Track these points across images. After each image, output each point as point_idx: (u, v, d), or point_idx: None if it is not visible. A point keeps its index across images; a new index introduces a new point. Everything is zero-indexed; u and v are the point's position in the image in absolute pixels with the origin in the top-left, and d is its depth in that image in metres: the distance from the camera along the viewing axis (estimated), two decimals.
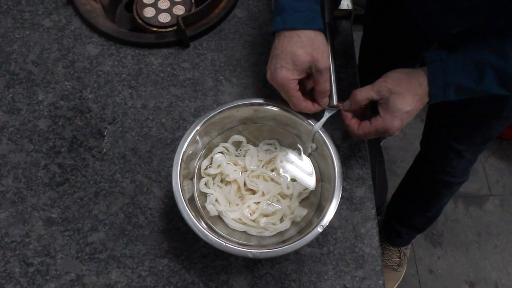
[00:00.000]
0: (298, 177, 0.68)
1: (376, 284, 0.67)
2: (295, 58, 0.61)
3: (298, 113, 0.67)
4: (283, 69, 0.62)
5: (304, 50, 0.61)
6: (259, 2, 0.88)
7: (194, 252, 0.68)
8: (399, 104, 0.61)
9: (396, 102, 0.61)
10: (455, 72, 0.60)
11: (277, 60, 0.63)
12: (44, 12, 0.86)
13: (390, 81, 0.62)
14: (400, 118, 0.62)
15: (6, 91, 0.78)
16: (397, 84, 0.61)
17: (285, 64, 0.62)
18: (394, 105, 0.61)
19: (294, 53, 0.61)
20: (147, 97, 0.79)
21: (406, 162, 1.58)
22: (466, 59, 0.60)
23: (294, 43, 0.62)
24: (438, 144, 0.99)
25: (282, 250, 0.58)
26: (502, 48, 0.59)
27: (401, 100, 0.61)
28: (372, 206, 0.71)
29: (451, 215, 1.52)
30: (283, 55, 0.62)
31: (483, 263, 1.46)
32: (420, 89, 0.62)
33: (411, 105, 0.61)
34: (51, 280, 0.66)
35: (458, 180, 1.06)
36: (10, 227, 0.69)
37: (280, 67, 0.62)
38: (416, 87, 0.62)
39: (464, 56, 0.61)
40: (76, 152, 0.74)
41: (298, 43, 0.62)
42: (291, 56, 0.62)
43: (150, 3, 0.87)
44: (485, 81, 0.60)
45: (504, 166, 1.61)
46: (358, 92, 0.63)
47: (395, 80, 0.62)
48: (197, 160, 0.68)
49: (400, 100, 0.61)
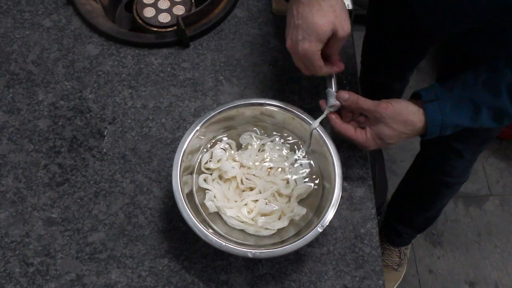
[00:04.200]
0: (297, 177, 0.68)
1: (376, 284, 0.67)
2: (318, 29, 0.60)
3: (298, 113, 0.67)
4: (306, 41, 0.60)
5: (326, 19, 0.60)
6: (259, 2, 0.88)
7: (194, 252, 0.68)
8: (383, 134, 0.63)
9: (382, 131, 0.63)
10: (452, 112, 0.61)
11: (298, 30, 0.61)
12: (44, 12, 0.86)
13: (390, 111, 0.62)
14: (378, 144, 0.65)
15: (6, 91, 0.78)
16: (392, 118, 0.62)
17: (307, 35, 0.60)
18: (380, 132, 0.63)
19: (316, 24, 0.59)
20: (147, 97, 0.79)
21: (406, 162, 1.58)
22: (462, 98, 0.61)
23: (316, 11, 0.59)
24: (438, 144, 0.99)
25: (282, 250, 0.58)
26: (495, 85, 0.60)
27: (386, 132, 0.63)
28: (372, 206, 0.71)
29: (451, 215, 1.52)
30: (305, 25, 0.60)
31: (483, 263, 1.46)
32: (411, 130, 0.63)
33: (393, 140, 0.64)
34: (51, 280, 0.66)
35: (458, 180, 1.06)
36: (10, 227, 0.69)
37: (302, 38, 0.60)
38: (408, 128, 0.63)
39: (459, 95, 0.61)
40: (76, 152, 0.74)
41: (320, 12, 0.59)
42: (314, 26, 0.60)
43: (150, 3, 0.87)
44: (481, 118, 0.61)
45: (504, 166, 1.61)
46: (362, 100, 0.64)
47: (393, 113, 0.62)
48: (199, 153, 0.69)
49: (386, 131, 0.63)
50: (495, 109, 0.61)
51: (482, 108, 0.60)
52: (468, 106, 0.61)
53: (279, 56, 0.83)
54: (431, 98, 0.62)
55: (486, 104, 0.60)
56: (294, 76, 0.81)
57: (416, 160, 1.14)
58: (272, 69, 0.82)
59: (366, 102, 0.64)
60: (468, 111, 0.61)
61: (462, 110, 0.61)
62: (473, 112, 0.61)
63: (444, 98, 0.62)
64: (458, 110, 0.61)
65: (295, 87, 0.80)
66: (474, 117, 0.61)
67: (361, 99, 0.64)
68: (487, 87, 0.60)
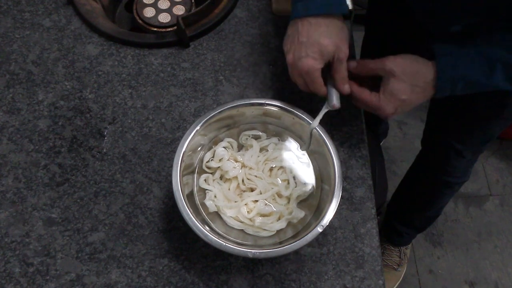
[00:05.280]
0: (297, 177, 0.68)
1: (376, 284, 0.67)
2: (322, 48, 0.61)
3: (298, 113, 0.67)
4: (309, 59, 0.62)
5: (331, 40, 0.61)
6: (259, 2, 0.88)
7: (194, 252, 0.68)
8: (396, 89, 0.62)
9: (394, 87, 0.62)
10: (465, 67, 0.60)
11: (302, 47, 0.62)
12: (44, 12, 0.86)
13: (398, 64, 0.62)
14: (394, 104, 0.63)
15: (6, 91, 0.78)
16: (402, 69, 0.61)
17: (311, 53, 0.62)
18: (392, 88, 0.62)
19: (321, 43, 0.61)
20: (147, 97, 0.79)
21: (406, 162, 1.58)
22: (476, 53, 0.60)
23: (321, 32, 0.62)
24: (438, 144, 0.99)
25: (282, 250, 0.58)
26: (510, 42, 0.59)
27: (398, 86, 0.62)
28: (372, 206, 0.71)
29: (451, 215, 1.52)
30: (309, 44, 0.62)
31: (483, 263, 1.46)
32: (423, 81, 0.62)
33: (407, 95, 0.62)
34: (51, 280, 0.66)
35: (459, 180, 1.06)
36: (10, 227, 0.69)
37: (306, 55, 0.62)
38: (419, 79, 0.62)
39: (475, 51, 0.60)
40: (76, 152, 0.74)
41: (325, 33, 0.62)
42: (318, 45, 0.61)
43: (150, 3, 0.87)
44: (495, 76, 0.60)
45: (504, 166, 1.61)
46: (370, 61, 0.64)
47: (401, 65, 0.62)
48: (200, 153, 0.69)
49: (398, 85, 0.62)
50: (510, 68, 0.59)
51: (497, 64, 0.59)
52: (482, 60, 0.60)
53: (279, 56, 0.83)
54: (445, 52, 0.61)
55: (500, 60, 0.59)
56: None
57: (416, 159, 1.14)
58: (272, 69, 0.82)
59: (375, 61, 0.64)
60: (482, 66, 0.60)
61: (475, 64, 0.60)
62: (487, 67, 0.60)
63: (458, 53, 0.60)
64: (472, 65, 0.60)
65: (295, 87, 0.79)
66: (487, 72, 0.60)
67: (368, 60, 0.64)
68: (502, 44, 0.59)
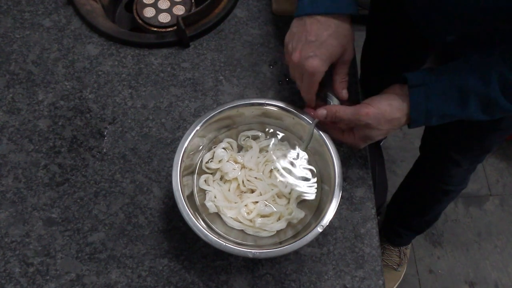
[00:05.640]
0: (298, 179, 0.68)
1: (376, 284, 0.67)
2: (331, 50, 0.60)
3: (298, 113, 0.67)
4: (317, 59, 0.60)
5: (339, 42, 0.60)
6: (259, 2, 0.88)
7: (194, 252, 0.68)
8: (373, 136, 0.63)
9: (371, 133, 0.62)
10: (438, 99, 0.58)
11: (310, 47, 0.60)
12: (44, 12, 0.86)
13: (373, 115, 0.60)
14: (367, 142, 0.65)
15: (6, 91, 0.78)
16: (377, 121, 0.60)
17: (320, 54, 0.60)
18: (368, 134, 0.63)
19: (329, 44, 0.60)
20: (147, 97, 0.79)
21: (406, 162, 1.58)
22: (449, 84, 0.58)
23: (331, 33, 0.60)
24: (436, 153, 0.99)
25: (282, 250, 0.58)
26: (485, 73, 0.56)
27: (375, 133, 0.62)
28: (372, 206, 0.71)
29: (451, 215, 1.52)
30: (318, 43, 0.60)
31: (483, 263, 1.46)
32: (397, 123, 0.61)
33: (382, 136, 0.63)
34: (51, 280, 0.66)
35: (457, 188, 1.06)
36: (10, 227, 0.69)
37: (313, 55, 0.60)
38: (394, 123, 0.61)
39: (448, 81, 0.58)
40: (76, 152, 0.74)
41: (335, 34, 0.60)
42: (326, 46, 0.60)
43: (150, 3, 0.87)
44: (469, 107, 0.58)
45: (504, 166, 1.61)
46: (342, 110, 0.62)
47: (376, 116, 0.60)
48: (200, 153, 0.69)
49: (375, 133, 0.62)
50: (484, 98, 0.57)
51: (470, 95, 0.57)
52: (455, 93, 0.58)
53: (279, 56, 0.83)
54: (418, 82, 0.59)
55: (474, 92, 0.57)
56: None
57: (415, 165, 1.13)
58: (272, 69, 0.82)
59: (346, 111, 0.61)
60: (455, 99, 0.58)
61: (448, 96, 0.58)
62: (460, 100, 0.57)
63: (431, 84, 0.58)
64: (445, 97, 0.58)
65: (295, 87, 0.80)
66: (461, 105, 0.58)
67: (340, 110, 0.62)
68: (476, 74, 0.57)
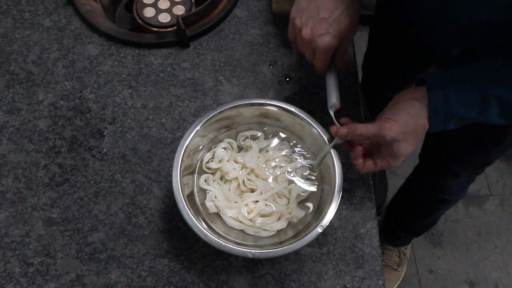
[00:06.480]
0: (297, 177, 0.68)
1: (376, 284, 0.67)
2: (342, 26, 0.60)
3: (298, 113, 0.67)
4: (330, 36, 0.60)
5: (349, 19, 0.60)
6: (259, 2, 0.88)
7: (194, 252, 0.68)
8: (403, 150, 0.58)
9: (400, 148, 0.58)
10: (457, 102, 0.55)
11: (322, 24, 0.60)
12: (44, 12, 0.86)
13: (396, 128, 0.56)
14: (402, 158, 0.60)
15: (6, 91, 0.78)
16: (404, 132, 0.56)
17: (333, 31, 0.60)
18: (398, 151, 0.58)
19: (342, 22, 0.60)
20: (147, 97, 0.79)
21: (407, 162, 1.57)
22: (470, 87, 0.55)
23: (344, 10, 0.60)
24: (436, 164, 0.98)
25: (282, 250, 0.58)
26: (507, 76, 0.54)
27: (405, 146, 0.58)
28: (372, 206, 0.71)
29: (451, 215, 1.52)
30: (331, 20, 0.60)
31: (483, 263, 1.46)
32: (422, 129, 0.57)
33: (413, 146, 0.59)
34: (51, 280, 0.66)
35: (454, 197, 1.06)
36: (10, 227, 0.69)
37: (326, 32, 0.60)
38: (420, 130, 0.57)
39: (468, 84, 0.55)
40: (76, 152, 0.74)
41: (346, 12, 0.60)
42: (339, 24, 0.60)
43: (150, 3, 0.87)
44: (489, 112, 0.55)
45: (504, 166, 1.61)
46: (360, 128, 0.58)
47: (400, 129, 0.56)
48: (200, 153, 0.68)
49: (404, 145, 0.58)
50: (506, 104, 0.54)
51: (491, 99, 0.54)
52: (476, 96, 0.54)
53: (279, 56, 0.83)
54: (436, 85, 0.56)
55: (496, 96, 0.53)
56: (294, 76, 0.81)
57: (414, 172, 1.13)
58: (272, 69, 0.82)
59: (368, 128, 0.58)
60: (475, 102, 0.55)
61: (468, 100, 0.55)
62: (481, 104, 0.54)
63: (450, 86, 0.55)
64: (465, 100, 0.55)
65: (295, 87, 0.80)
66: (481, 109, 0.55)
67: (361, 128, 0.58)
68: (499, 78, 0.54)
